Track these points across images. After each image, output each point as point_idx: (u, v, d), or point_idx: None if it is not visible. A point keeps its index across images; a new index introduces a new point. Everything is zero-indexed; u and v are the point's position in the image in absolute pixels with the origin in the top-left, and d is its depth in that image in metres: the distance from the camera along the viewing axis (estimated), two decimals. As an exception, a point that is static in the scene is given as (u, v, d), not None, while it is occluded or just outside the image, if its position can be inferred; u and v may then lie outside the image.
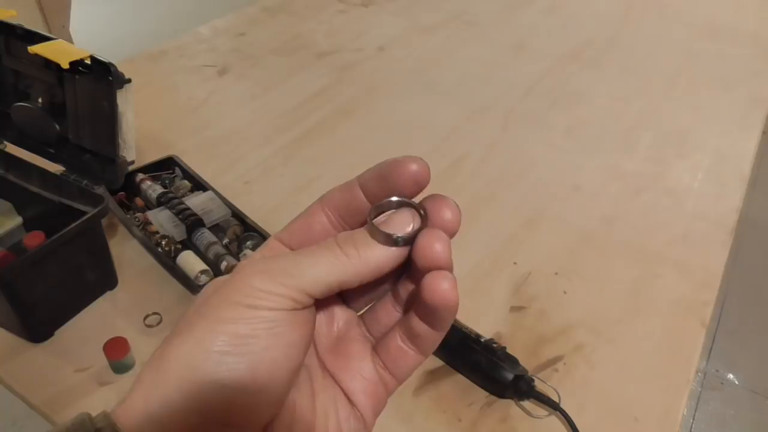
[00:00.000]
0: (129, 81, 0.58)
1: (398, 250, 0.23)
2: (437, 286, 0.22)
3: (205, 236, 0.60)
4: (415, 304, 0.24)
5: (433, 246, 0.22)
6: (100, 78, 0.58)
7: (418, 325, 0.24)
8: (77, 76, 0.60)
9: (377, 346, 0.26)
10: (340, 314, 0.27)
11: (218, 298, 0.22)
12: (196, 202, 0.64)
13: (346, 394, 0.25)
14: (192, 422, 0.21)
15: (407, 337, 0.25)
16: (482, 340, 0.51)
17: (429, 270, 0.22)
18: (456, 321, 0.52)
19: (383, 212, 0.24)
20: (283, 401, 0.23)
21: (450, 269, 0.23)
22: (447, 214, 0.23)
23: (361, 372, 0.25)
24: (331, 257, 0.23)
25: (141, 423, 0.21)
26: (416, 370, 0.25)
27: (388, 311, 0.26)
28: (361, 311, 0.28)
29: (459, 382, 0.51)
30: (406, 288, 0.26)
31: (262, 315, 0.22)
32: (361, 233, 0.23)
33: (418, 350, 0.25)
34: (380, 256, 0.23)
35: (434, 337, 0.24)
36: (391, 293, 0.26)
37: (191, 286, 0.56)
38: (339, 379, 0.25)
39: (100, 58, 0.58)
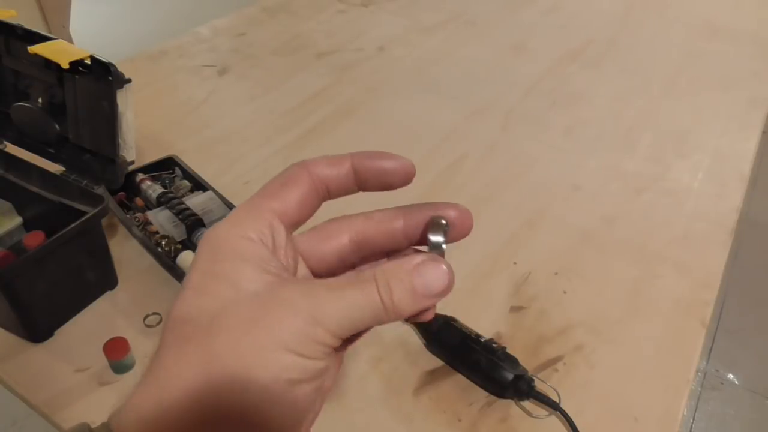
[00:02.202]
0: (129, 81, 0.58)
1: (428, 304, 0.23)
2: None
3: (205, 236, 0.60)
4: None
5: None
6: (100, 78, 0.58)
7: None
8: (77, 76, 0.60)
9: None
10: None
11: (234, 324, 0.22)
12: (196, 202, 0.64)
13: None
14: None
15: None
16: (482, 340, 0.51)
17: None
18: (456, 321, 0.52)
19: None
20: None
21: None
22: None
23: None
24: (367, 300, 0.22)
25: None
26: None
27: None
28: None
29: (459, 382, 0.51)
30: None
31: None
32: (400, 282, 0.22)
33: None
34: (412, 310, 0.23)
35: None
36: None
37: (191, 286, 0.55)
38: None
39: (100, 58, 0.58)
